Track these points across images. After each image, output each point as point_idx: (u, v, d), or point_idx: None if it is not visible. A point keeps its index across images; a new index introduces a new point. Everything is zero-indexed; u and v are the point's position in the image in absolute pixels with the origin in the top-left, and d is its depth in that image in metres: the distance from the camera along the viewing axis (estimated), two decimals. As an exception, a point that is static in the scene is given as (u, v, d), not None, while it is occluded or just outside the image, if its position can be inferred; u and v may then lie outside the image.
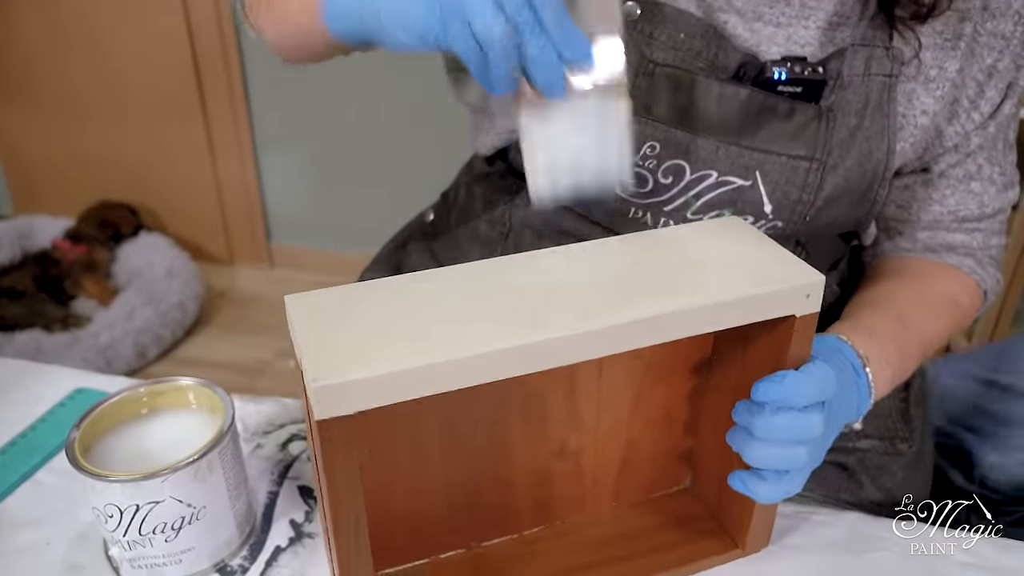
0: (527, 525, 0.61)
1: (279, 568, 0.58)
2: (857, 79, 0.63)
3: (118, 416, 0.59)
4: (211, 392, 0.60)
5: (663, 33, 0.63)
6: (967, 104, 0.66)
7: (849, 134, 0.64)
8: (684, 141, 0.64)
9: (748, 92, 0.62)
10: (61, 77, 2.28)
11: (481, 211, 0.78)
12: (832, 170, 0.64)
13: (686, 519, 0.62)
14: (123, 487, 0.52)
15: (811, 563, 0.59)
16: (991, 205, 0.70)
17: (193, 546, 0.56)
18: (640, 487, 0.63)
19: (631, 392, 0.58)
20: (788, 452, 0.51)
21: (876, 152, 0.65)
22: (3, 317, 1.96)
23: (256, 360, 2.01)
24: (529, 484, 0.59)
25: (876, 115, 0.64)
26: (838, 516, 0.63)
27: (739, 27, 0.63)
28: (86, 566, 0.58)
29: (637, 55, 0.63)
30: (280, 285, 2.36)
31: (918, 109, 0.65)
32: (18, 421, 0.71)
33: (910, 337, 0.65)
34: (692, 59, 0.63)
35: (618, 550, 0.59)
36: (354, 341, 0.43)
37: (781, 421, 0.50)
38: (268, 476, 0.66)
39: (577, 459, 0.59)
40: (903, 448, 0.75)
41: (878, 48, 0.63)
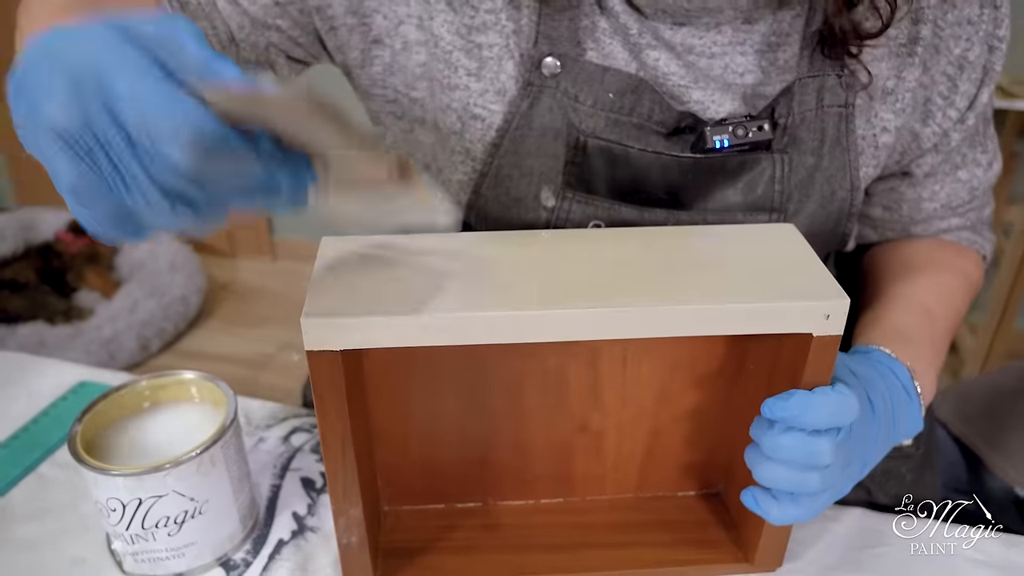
0: (544, 494, 0.62)
1: (282, 561, 0.58)
2: (810, 114, 0.58)
3: (120, 410, 0.59)
4: (213, 386, 0.59)
5: (589, 96, 0.57)
6: (940, 102, 0.61)
7: (807, 175, 0.59)
8: (630, 216, 0.59)
9: (692, 160, 0.57)
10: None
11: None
12: (793, 217, 0.60)
13: (706, 523, 0.61)
14: (126, 481, 0.52)
15: (817, 558, 0.59)
16: (980, 186, 0.68)
17: (196, 540, 0.56)
18: (667, 482, 0.63)
19: (655, 386, 0.57)
20: (797, 475, 0.49)
21: (839, 191, 0.61)
22: (6, 309, 1.96)
23: (259, 353, 2.01)
24: (547, 453, 0.59)
25: (835, 151, 0.59)
26: (844, 511, 0.63)
27: (672, 64, 0.58)
28: (89, 559, 0.58)
29: (564, 123, 0.58)
30: (282, 278, 2.36)
31: (878, 127, 0.61)
32: (21, 414, 0.71)
33: (940, 332, 0.63)
34: (626, 118, 0.57)
35: (627, 537, 0.59)
36: (358, 286, 0.46)
37: (787, 441, 0.48)
38: (270, 469, 0.66)
39: (599, 439, 0.59)
40: (910, 450, 0.73)
41: (829, 77, 0.58)
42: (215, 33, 0.60)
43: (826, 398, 0.47)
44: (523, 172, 0.59)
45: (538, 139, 0.58)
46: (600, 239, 0.53)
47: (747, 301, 0.45)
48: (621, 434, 0.59)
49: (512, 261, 0.49)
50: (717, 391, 0.58)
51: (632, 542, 0.59)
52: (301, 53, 0.63)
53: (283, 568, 0.58)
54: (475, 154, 0.60)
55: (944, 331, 0.64)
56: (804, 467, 0.48)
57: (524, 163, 0.59)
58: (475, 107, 0.59)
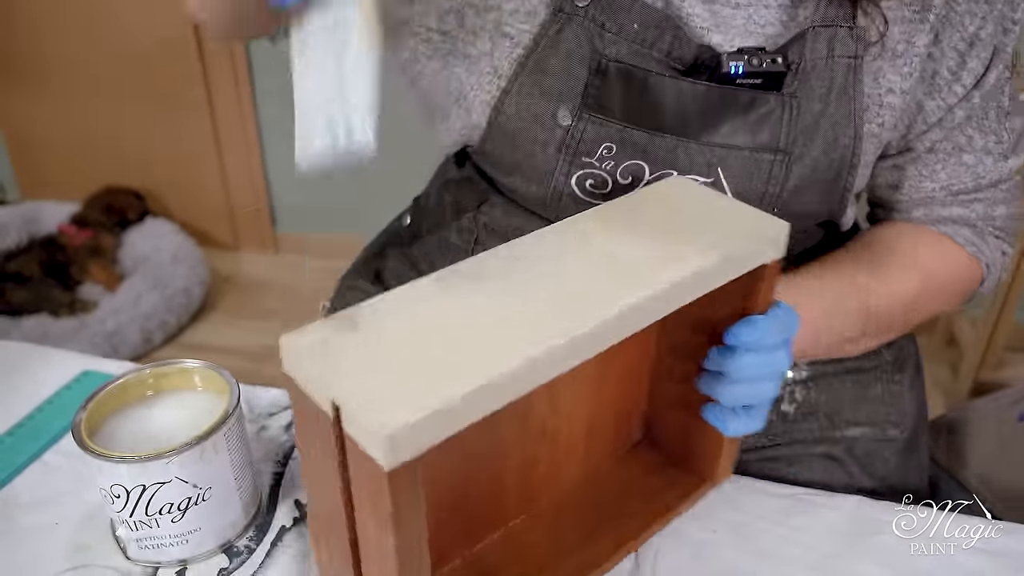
0: (512, 515, 0.60)
1: (284, 548, 0.59)
2: (820, 63, 0.60)
3: (124, 398, 0.60)
4: (216, 374, 0.60)
5: (614, 24, 0.60)
6: (948, 76, 0.62)
7: (813, 121, 0.61)
8: (641, 141, 0.62)
9: (706, 88, 0.60)
10: (68, 63, 2.28)
11: (450, 219, 0.76)
12: (798, 160, 0.62)
13: (650, 471, 0.64)
14: (129, 468, 0.52)
15: (814, 546, 0.60)
16: (988, 176, 0.67)
17: (199, 527, 0.56)
18: (604, 449, 0.64)
19: (595, 365, 0.57)
20: (758, 388, 0.55)
21: (842, 138, 0.62)
22: (10, 302, 1.97)
23: (261, 345, 2.02)
24: (515, 473, 0.58)
25: (841, 99, 0.61)
26: (841, 499, 0.63)
27: (697, 7, 0.61)
28: (93, 546, 0.59)
29: (589, 49, 0.61)
30: (285, 271, 2.37)
31: (884, 88, 0.62)
32: (25, 403, 0.72)
33: (851, 298, 0.64)
34: (646, 51, 0.60)
35: (599, 518, 0.60)
36: (387, 375, 0.39)
37: (751, 360, 0.54)
38: (273, 457, 0.67)
39: (555, 437, 0.59)
40: (894, 433, 0.73)
41: (841, 28, 0.60)
42: None
43: (778, 317, 0.53)
44: (543, 91, 0.62)
45: (562, 61, 0.61)
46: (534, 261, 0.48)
47: (718, 257, 0.48)
48: (570, 423, 0.59)
49: (476, 306, 0.44)
50: (641, 347, 0.60)
51: (612, 517, 0.60)
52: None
53: (285, 555, 0.58)
54: (502, 71, 0.63)
55: (862, 304, 0.65)
56: (765, 379, 0.54)
57: (545, 82, 0.62)
58: (505, 26, 0.62)
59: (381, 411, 0.36)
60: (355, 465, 0.40)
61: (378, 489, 0.38)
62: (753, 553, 0.59)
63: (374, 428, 0.36)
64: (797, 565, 0.58)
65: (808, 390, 0.73)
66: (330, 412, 0.39)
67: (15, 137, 2.47)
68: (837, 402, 0.73)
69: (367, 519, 0.41)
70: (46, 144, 2.44)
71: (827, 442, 0.72)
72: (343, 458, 0.40)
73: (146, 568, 0.57)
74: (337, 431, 0.39)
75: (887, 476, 0.73)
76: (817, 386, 0.73)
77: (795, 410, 0.72)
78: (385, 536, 0.40)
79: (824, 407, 0.73)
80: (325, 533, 0.47)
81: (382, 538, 0.40)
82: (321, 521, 0.47)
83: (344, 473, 0.41)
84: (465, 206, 0.74)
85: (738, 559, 0.58)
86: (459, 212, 0.75)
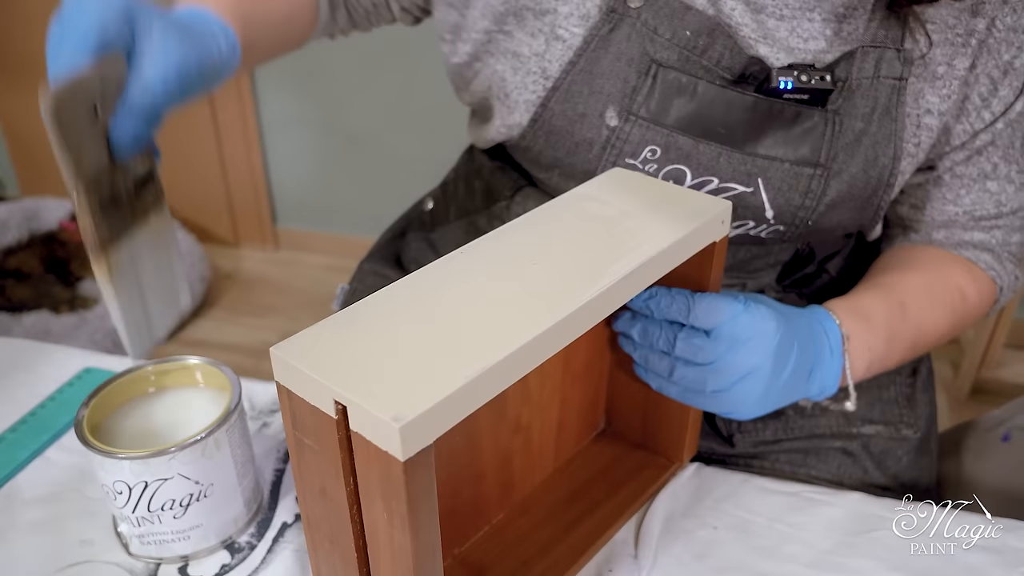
0: (494, 513, 0.60)
1: (285, 544, 0.59)
2: (866, 82, 0.61)
3: (126, 394, 0.60)
4: (218, 371, 0.60)
5: (667, 30, 0.61)
6: (978, 102, 0.63)
7: (855, 139, 0.62)
8: (686, 147, 0.63)
9: (754, 99, 0.61)
10: (66, 58, 2.28)
11: (481, 206, 0.77)
12: (836, 176, 0.62)
13: (617, 457, 0.66)
14: (131, 464, 0.53)
15: (814, 542, 0.60)
16: (1009, 204, 0.68)
17: (201, 523, 0.57)
18: (573, 439, 0.66)
19: (562, 356, 0.58)
20: (644, 354, 0.56)
21: (882, 158, 0.63)
22: (10, 298, 1.97)
23: (262, 342, 2.02)
24: (494, 470, 0.58)
25: (884, 120, 0.62)
26: (841, 496, 0.64)
27: (745, 17, 0.61)
28: (95, 542, 0.59)
29: (639, 51, 0.62)
30: (286, 267, 2.37)
31: (923, 108, 0.63)
32: (27, 400, 0.72)
33: (907, 327, 0.65)
34: (696, 58, 0.61)
35: (577, 508, 0.61)
36: (386, 370, 0.39)
37: (643, 327, 0.56)
38: (274, 454, 0.67)
39: (528, 432, 0.59)
40: (908, 433, 0.74)
41: (889, 50, 0.61)
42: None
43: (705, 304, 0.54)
44: (593, 90, 0.63)
45: (613, 62, 0.62)
46: (511, 250, 0.49)
47: (672, 239, 0.50)
48: (542, 414, 0.60)
49: (459, 298, 0.44)
50: (601, 335, 0.61)
51: (588, 505, 0.61)
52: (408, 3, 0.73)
53: (287, 550, 0.58)
54: (550, 72, 0.64)
55: (911, 333, 0.65)
56: (647, 348, 0.56)
57: (595, 82, 0.63)
58: (559, 28, 0.63)
59: (391, 404, 0.36)
60: (364, 464, 0.39)
61: (393, 484, 0.38)
62: (754, 550, 0.59)
63: (386, 421, 0.36)
64: (797, 562, 0.58)
65: None
66: (333, 413, 0.39)
67: (15, 133, 2.47)
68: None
69: (377, 519, 0.41)
70: (45, 141, 2.42)
71: (843, 437, 0.73)
72: (349, 459, 0.40)
73: (148, 564, 0.57)
74: (342, 431, 0.39)
75: (899, 473, 0.74)
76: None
77: (812, 406, 0.73)
78: (399, 534, 0.40)
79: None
80: (325, 541, 0.46)
81: (395, 537, 0.40)
82: (320, 530, 0.46)
83: (350, 475, 0.41)
84: (498, 194, 0.75)
85: (739, 556, 0.59)
86: (491, 200, 0.76)
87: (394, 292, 0.45)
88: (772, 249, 0.69)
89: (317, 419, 0.40)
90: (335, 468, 0.41)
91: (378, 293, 0.45)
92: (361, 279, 0.87)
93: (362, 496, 0.41)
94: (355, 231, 2.33)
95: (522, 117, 0.66)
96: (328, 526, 0.45)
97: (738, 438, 0.72)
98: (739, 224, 0.65)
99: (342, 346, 0.41)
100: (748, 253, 0.69)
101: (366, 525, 0.42)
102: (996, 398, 1.81)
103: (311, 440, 0.42)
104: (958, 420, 1.75)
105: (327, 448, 0.41)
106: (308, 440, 0.42)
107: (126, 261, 0.45)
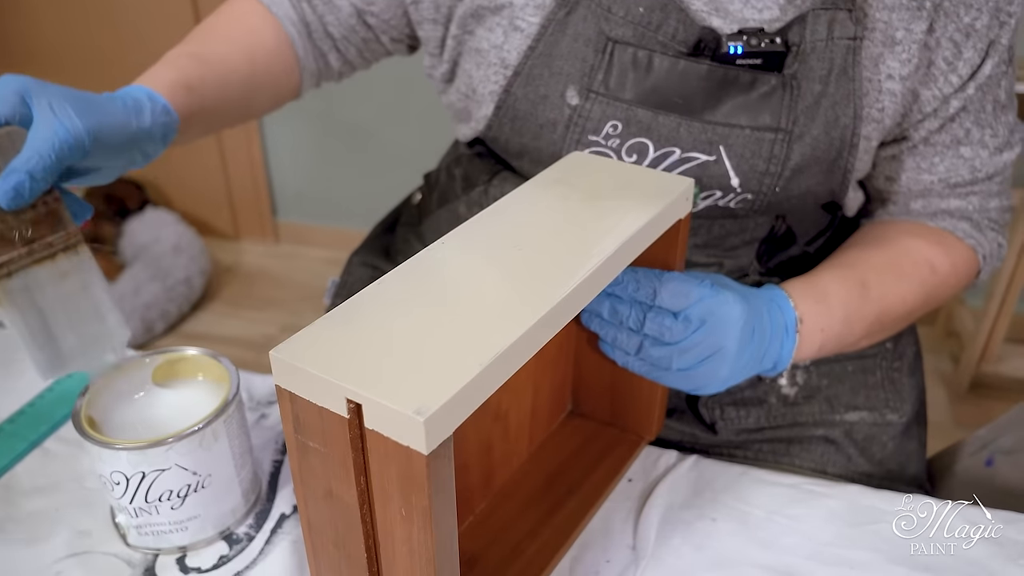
0: (477, 503, 0.60)
1: (284, 535, 0.59)
2: (820, 44, 0.62)
3: (124, 385, 0.60)
4: (216, 362, 0.60)
5: (621, 8, 0.62)
6: (944, 66, 0.63)
7: (814, 101, 0.63)
8: (646, 119, 0.64)
9: (707, 67, 0.62)
10: (67, 50, 2.28)
11: (460, 193, 0.78)
12: (798, 139, 0.63)
13: (589, 437, 0.67)
14: (129, 455, 0.53)
15: (812, 534, 0.60)
16: (984, 169, 0.68)
17: (199, 514, 0.56)
18: (544, 426, 0.66)
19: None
20: (610, 330, 0.58)
21: (843, 118, 0.63)
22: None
23: (262, 335, 2.02)
24: (476, 460, 0.58)
25: (841, 80, 0.63)
26: (840, 488, 0.64)
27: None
28: (93, 533, 0.59)
29: (596, 31, 0.63)
30: (286, 260, 2.37)
31: (884, 74, 0.63)
32: (26, 391, 0.72)
33: (868, 306, 0.66)
34: (651, 34, 0.62)
35: (557, 491, 0.61)
36: (396, 365, 0.39)
37: (612, 306, 0.57)
38: (273, 445, 0.67)
39: (506, 418, 0.60)
40: (892, 418, 0.75)
41: (841, 11, 0.61)
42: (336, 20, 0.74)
43: (673, 284, 0.55)
44: (552, 72, 0.65)
45: (570, 43, 0.64)
46: (492, 239, 0.49)
47: (643, 219, 0.50)
48: (518, 400, 0.60)
49: (450, 289, 0.44)
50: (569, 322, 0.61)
51: (567, 487, 0.61)
52: (397, 34, 0.76)
53: (285, 541, 0.58)
54: (509, 61, 0.66)
55: (872, 311, 0.66)
56: (613, 327, 0.57)
57: (554, 64, 0.65)
58: (517, 20, 0.65)
59: (410, 398, 0.36)
60: (380, 462, 0.39)
61: (415, 479, 0.37)
62: (752, 542, 0.59)
63: (409, 415, 0.35)
64: (796, 554, 0.58)
65: (809, 374, 0.74)
66: (344, 412, 0.38)
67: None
68: (838, 386, 0.74)
69: (393, 518, 0.40)
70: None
71: (826, 425, 0.74)
72: (361, 458, 0.39)
73: (146, 555, 0.57)
74: (355, 430, 0.38)
75: (885, 460, 0.74)
76: (819, 370, 0.74)
77: (796, 393, 0.74)
78: (420, 530, 0.39)
79: (825, 391, 0.74)
80: (329, 545, 0.45)
81: (415, 534, 0.40)
82: (324, 533, 0.45)
83: (362, 475, 0.40)
84: (475, 180, 0.76)
85: (737, 547, 0.59)
86: (470, 186, 0.77)
87: (386, 285, 0.45)
88: (747, 225, 0.69)
89: (325, 420, 0.39)
90: (344, 469, 0.40)
91: (370, 287, 0.44)
92: (351, 272, 0.87)
93: (375, 495, 0.40)
94: (355, 224, 2.32)
95: (487, 108, 0.68)
96: (333, 529, 0.44)
97: (721, 425, 0.73)
98: (707, 195, 0.66)
99: (344, 344, 0.40)
100: (722, 229, 0.69)
101: (379, 525, 0.42)
102: (996, 392, 1.81)
103: (317, 443, 0.41)
104: (957, 414, 1.76)
105: (336, 449, 0.40)
106: (313, 443, 0.41)
107: (19, 291, 0.51)
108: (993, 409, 1.78)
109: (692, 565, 0.57)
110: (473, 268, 0.46)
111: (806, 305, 0.63)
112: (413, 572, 0.41)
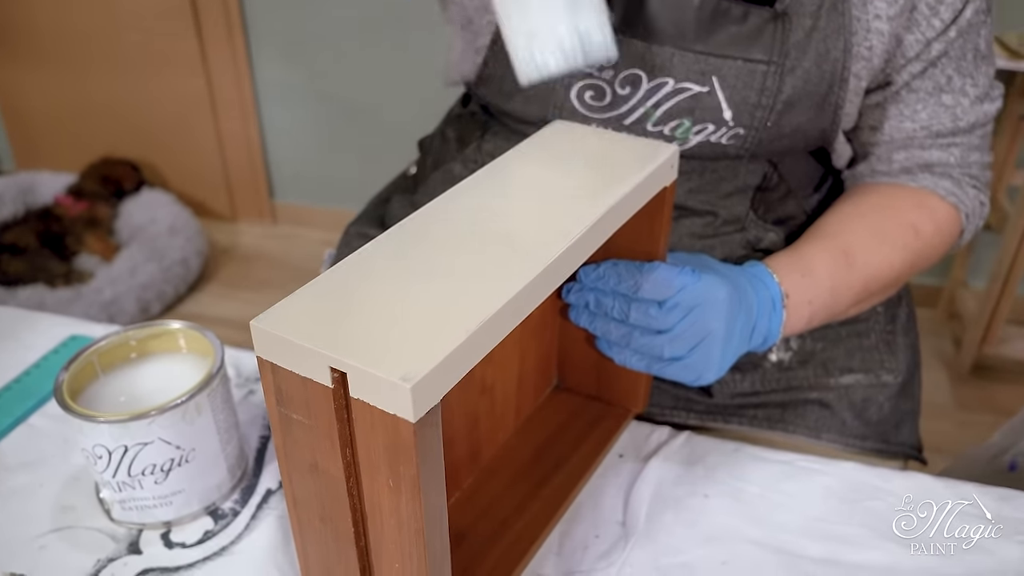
0: (464, 478, 0.59)
1: (269, 510, 0.58)
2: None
3: (108, 360, 0.59)
4: (201, 336, 0.59)
5: None
6: (927, 11, 0.64)
7: (805, 35, 0.63)
8: (639, 50, 0.64)
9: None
10: (63, 32, 2.26)
11: (455, 152, 0.78)
12: (790, 72, 0.63)
13: (575, 411, 0.66)
14: (111, 428, 0.52)
15: (805, 509, 0.59)
16: (965, 119, 0.68)
17: (183, 488, 0.56)
18: (530, 400, 0.66)
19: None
20: (596, 322, 0.58)
21: (833, 51, 0.64)
22: (6, 272, 1.96)
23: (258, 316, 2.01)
24: (463, 435, 0.57)
25: (832, 15, 0.63)
26: (834, 464, 0.63)
27: None
28: (77, 507, 0.58)
29: None
30: (283, 241, 2.36)
31: (871, 13, 0.63)
32: (12, 367, 0.71)
33: (853, 274, 0.66)
34: None
35: (544, 464, 0.61)
36: (380, 333, 0.38)
37: (596, 297, 0.57)
38: (260, 421, 0.66)
39: (492, 391, 0.59)
40: (888, 379, 0.75)
41: None
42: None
43: (657, 276, 0.55)
44: None
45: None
46: (478, 206, 0.48)
47: (629, 185, 0.49)
48: (504, 373, 0.60)
49: (435, 256, 0.43)
50: (553, 295, 0.60)
51: (554, 461, 0.61)
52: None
53: (270, 516, 0.58)
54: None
55: (858, 279, 0.66)
56: (598, 316, 0.58)
57: None
58: None
59: (396, 365, 0.35)
60: (366, 432, 0.38)
61: (402, 449, 0.36)
62: (745, 517, 0.58)
63: (395, 382, 0.34)
64: (789, 530, 0.57)
65: (804, 339, 0.74)
66: (328, 382, 0.37)
67: (9, 107, 2.45)
68: (832, 349, 0.74)
69: (380, 490, 0.39)
70: (42, 114, 2.42)
71: (820, 389, 0.74)
72: (346, 429, 0.39)
73: (130, 530, 0.57)
74: (339, 400, 0.37)
75: (880, 422, 0.74)
76: (813, 335, 0.74)
77: (791, 358, 0.73)
78: (408, 501, 0.38)
79: (820, 354, 0.74)
80: (315, 520, 0.44)
81: (403, 505, 0.39)
82: (310, 508, 0.44)
83: (347, 446, 0.39)
84: (468, 138, 0.76)
85: (730, 523, 0.58)
86: (463, 144, 0.77)
87: (370, 252, 0.44)
88: (739, 170, 0.69)
89: (308, 391, 0.38)
90: (329, 441, 0.39)
91: (352, 256, 0.43)
92: (347, 243, 0.87)
93: (361, 467, 0.40)
94: (353, 205, 2.30)
95: (484, 40, 0.68)
96: (319, 504, 0.43)
97: (716, 388, 0.72)
98: (699, 128, 0.66)
99: (327, 312, 0.39)
100: (715, 174, 0.69)
101: (366, 498, 0.41)
102: (998, 375, 1.80)
103: (300, 415, 0.40)
104: (959, 397, 1.75)
105: (320, 420, 0.39)
106: (296, 415, 0.40)
107: None
108: (996, 391, 1.77)
109: (684, 541, 0.56)
110: (458, 236, 0.45)
111: (791, 280, 0.63)
112: (402, 545, 0.40)
